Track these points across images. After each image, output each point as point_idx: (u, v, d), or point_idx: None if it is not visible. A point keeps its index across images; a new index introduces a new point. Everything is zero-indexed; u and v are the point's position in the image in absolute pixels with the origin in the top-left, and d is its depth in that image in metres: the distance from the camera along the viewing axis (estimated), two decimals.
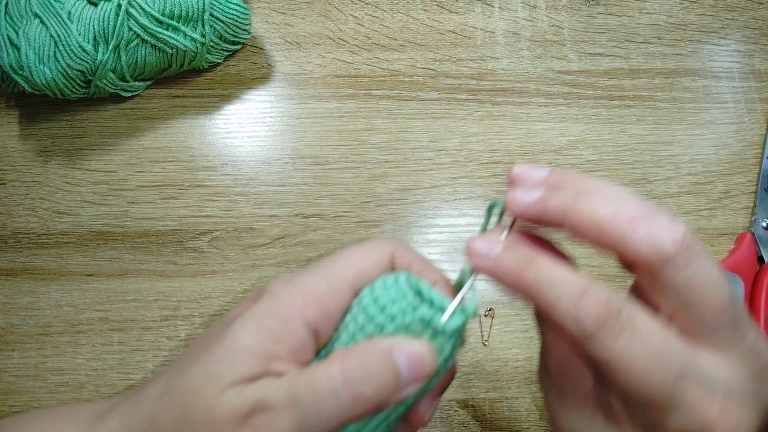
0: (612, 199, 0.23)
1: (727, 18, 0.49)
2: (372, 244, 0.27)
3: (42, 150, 0.45)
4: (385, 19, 0.48)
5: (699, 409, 0.21)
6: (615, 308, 0.22)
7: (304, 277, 0.26)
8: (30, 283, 0.42)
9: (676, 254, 0.21)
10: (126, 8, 0.40)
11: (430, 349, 0.24)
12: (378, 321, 0.24)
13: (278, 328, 0.24)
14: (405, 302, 0.24)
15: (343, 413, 0.23)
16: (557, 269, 0.23)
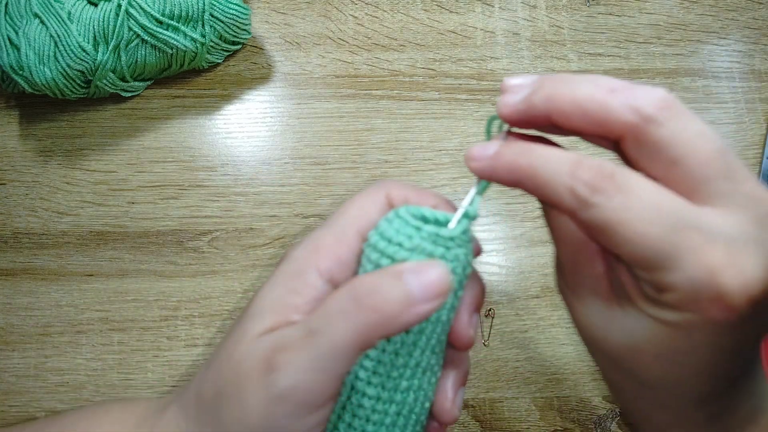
0: (591, 80, 0.23)
1: (727, 18, 0.49)
2: (367, 191, 0.29)
3: (42, 150, 0.45)
4: (385, 19, 0.48)
5: (702, 255, 0.20)
6: (608, 171, 0.22)
7: (312, 235, 0.27)
8: (30, 283, 0.42)
9: (656, 113, 0.22)
10: (126, 8, 0.40)
11: (439, 265, 0.24)
12: (389, 252, 0.25)
13: (295, 281, 0.26)
14: (409, 228, 0.25)
15: (354, 329, 0.23)
16: (550, 150, 0.23)
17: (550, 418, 0.40)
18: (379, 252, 0.25)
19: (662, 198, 0.21)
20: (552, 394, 0.41)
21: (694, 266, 0.20)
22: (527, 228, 0.44)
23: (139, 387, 0.40)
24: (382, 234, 0.26)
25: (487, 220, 0.44)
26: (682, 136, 0.22)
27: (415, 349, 0.26)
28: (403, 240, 0.25)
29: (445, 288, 0.24)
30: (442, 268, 0.24)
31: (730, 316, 0.20)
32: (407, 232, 0.25)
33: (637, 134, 0.22)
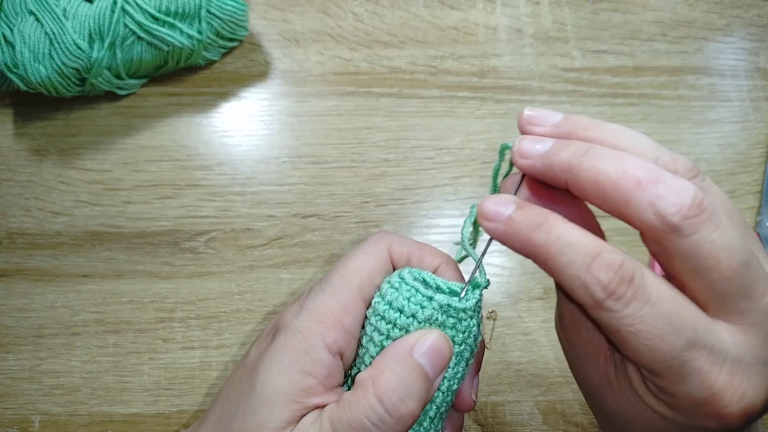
0: (619, 159, 0.21)
1: (732, 15, 0.49)
2: (368, 247, 0.27)
3: (37, 149, 0.44)
4: (385, 15, 0.48)
5: (707, 378, 0.21)
6: (627, 274, 0.21)
7: (313, 302, 0.26)
8: (24, 284, 0.41)
9: (681, 222, 0.20)
10: (122, 5, 0.39)
11: (442, 336, 0.25)
12: (401, 323, 0.25)
13: (304, 361, 0.25)
14: (419, 296, 0.25)
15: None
16: (569, 230, 0.22)
17: (552, 422, 0.39)
18: (391, 323, 0.25)
19: (678, 310, 0.21)
20: (555, 397, 0.40)
21: (698, 386, 0.21)
22: None
23: (134, 390, 0.39)
24: (391, 304, 0.25)
25: None
26: (705, 249, 0.21)
27: (424, 419, 0.26)
28: (416, 311, 0.25)
29: (448, 360, 0.25)
30: (446, 341, 0.25)
31: (725, 428, 0.21)
32: (419, 301, 0.25)
33: (658, 238, 0.21)
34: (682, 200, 0.20)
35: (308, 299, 0.26)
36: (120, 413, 0.39)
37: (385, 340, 0.25)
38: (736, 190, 0.45)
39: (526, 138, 0.24)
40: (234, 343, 0.40)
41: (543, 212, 0.22)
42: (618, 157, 0.21)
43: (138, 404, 0.39)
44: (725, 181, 0.45)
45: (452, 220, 0.43)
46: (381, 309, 0.25)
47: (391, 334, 0.25)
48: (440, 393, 0.26)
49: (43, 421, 0.39)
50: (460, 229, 0.43)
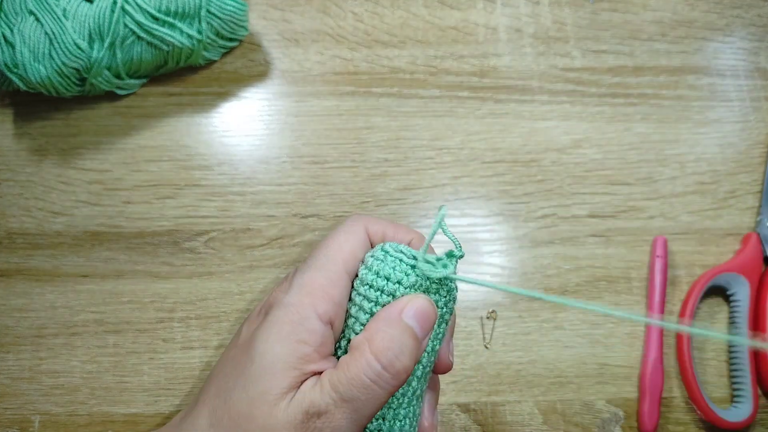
0: None
1: (732, 15, 0.49)
2: (347, 227, 0.29)
3: (36, 149, 0.44)
4: (385, 15, 0.48)
5: None
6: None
7: (301, 278, 0.28)
8: (24, 284, 0.41)
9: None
10: (122, 5, 0.39)
11: (427, 300, 0.27)
12: (389, 289, 0.27)
13: (299, 331, 0.26)
14: (403, 265, 0.27)
15: (390, 391, 0.25)
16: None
17: (553, 422, 0.39)
18: (379, 290, 0.27)
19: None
20: (555, 397, 0.40)
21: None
22: (530, 228, 0.43)
23: (134, 390, 0.39)
24: (378, 273, 0.27)
25: (490, 220, 0.43)
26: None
27: (413, 379, 0.28)
28: (401, 278, 0.27)
29: (434, 322, 0.27)
30: (431, 304, 0.27)
31: None
32: (403, 269, 0.27)
33: None
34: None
35: (296, 277, 0.28)
36: (120, 413, 0.39)
37: (375, 306, 0.27)
38: (736, 190, 0.44)
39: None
40: None
41: None
42: None
43: (138, 404, 0.39)
44: (725, 181, 0.45)
45: (452, 219, 0.43)
46: (369, 278, 0.27)
47: (380, 300, 0.27)
48: (425, 353, 0.28)
49: (43, 421, 0.39)
50: (460, 230, 0.43)
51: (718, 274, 0.41)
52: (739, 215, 0.44)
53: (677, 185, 0.44)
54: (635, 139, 0.45)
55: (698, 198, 0.44)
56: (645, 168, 0.45)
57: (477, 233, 0.43)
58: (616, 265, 0.42)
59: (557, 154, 0.45)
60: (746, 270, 0.42)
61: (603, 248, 0.43)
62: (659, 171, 0.45)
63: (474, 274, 0.42)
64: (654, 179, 0.44)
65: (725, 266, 0.42)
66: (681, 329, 0.25)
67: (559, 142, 0.45)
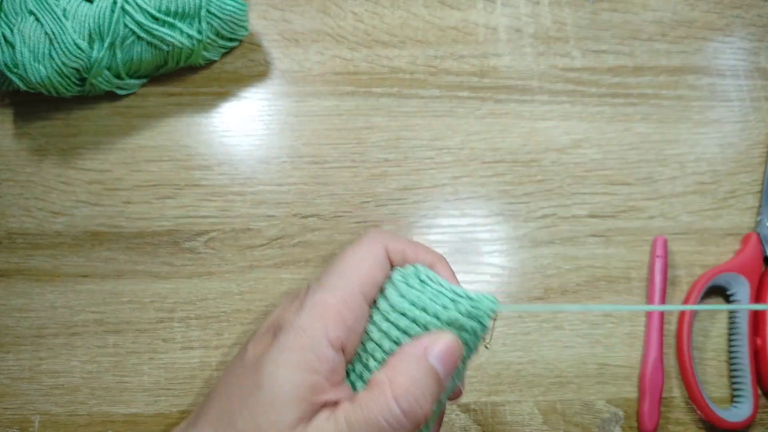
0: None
1: (732, 15, 0.49)
2: (366, 245, 0.28)
3: (36, 149, 0.44)
4: (385, 15, 0.48)
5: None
6: None
7: (313, 299, 0.26)
8: (24, 284, 0.41)
9: None
10: (122, 5, 0.39)
11: (455, 339, 0.26)
12: (423, 321, 0.26)
13: (310, 359, 0.25)
14: (443, 298, 0.26)
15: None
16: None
17: (553, 421, 0.39)
18: (413, 320, 0.26)
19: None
20: (555, 397, 0.40)
21: None
22: (530, 228, 0.43)
23: (134, 390, 0.39)
24: (414, 302, 0.26)
25: (490, 220, 0.43)
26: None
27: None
28: (439, 312, 0.26)
29: (458, 362, 0.26)
30: (459, 345, 0.26)
31: None
32: (442, 303, 0.26)
33: None
34: None
35: (308, 297, 0.27)
36: (120, 413, 0.39)
37: (403, 336, 0.26)
38: (736, 190, 0.44)
39: None
40: (234, 343, 0.40)
41: None
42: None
43: (138, 404, 0.39)
44: (725, 181, 0.45)
45: (452, 220, 0.43)
46: (403, 306, 0.26)
47: (410, 331, 0.26)
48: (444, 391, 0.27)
49: (43, 421, 0.39)
50: (460, 230, 0.43)
51: (718, 274, 0.41)
52: (739, 215, 0.44)
53: (677, 185, 0.44)
54: (635, 139, 0.45)
55: (698, 198, 0.44)
56: (645, 168, 0.45)
57: (477, 233, 0.43)
58: (616, 265, 0.42)
59: (557, 154, 0.45)
60: (746, 270, 0.42)
61: (603, 248, 0.43)
62: (659, 171, 0.45)
63: (474, 274, 0.42)
64: (654, 179, 0.44)
65: (725, 266, 0.42)
66: (679, 308, 0.25)
67: (559, 142, 0.45)
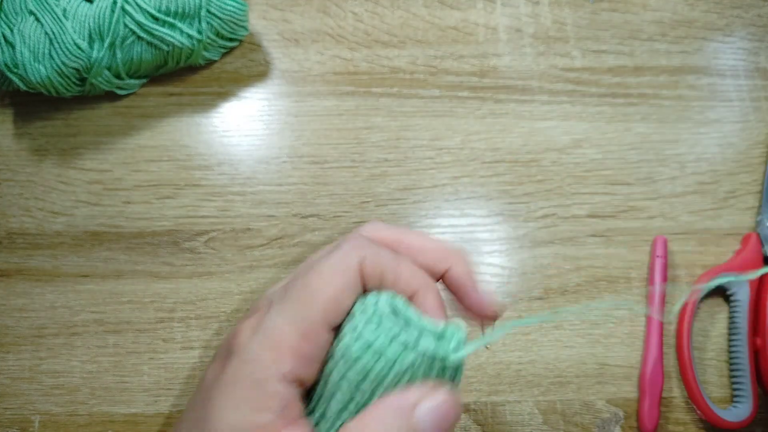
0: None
1: (732, 15, 0.49)
2: (337, 259, 0.24)
3: (36, 149, 0.44)
4: (385, 15, 0.48)
5: None
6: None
7: (269, 325, 0.23)
8: (24, 284, 0.41)
9: None
10: (122, 5, 0.39)
11: (452, 398, 0.22)
12: (378, 369, 0.22)
13: (257, 396, 0.22)
14: (403, 337, 0.22)
15: None
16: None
17: (553, 421, 0.39)
18: (368, 369, 0.22)
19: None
20: (555, 397, 0.40)
21: None
22: (530, 228, 0.43)
23: (134, 390, 0.39)
24: (369, 344, 0.22)
25: (490, 220, 0.43)
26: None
27: None
28: (397, 355, 0.22)
29: (455, 422, 0.23)
30: (457, 401, 0.22)
31: None
32: (403, 342, 0.22)
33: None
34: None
35: (264, 319, 0.23)
36: (120, 413, 0.39)
37: (362, 383, 0.22)
38: (736, 190, 0.44)
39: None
40: None
41: None
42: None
43: (138, 404, 0.39)
44: (725, 181, 0.45)
45: (452, 220, 0.43)
46: (355, 350, 0.22)
47: (364, 384, 0.22)
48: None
49: (43, 421, 0.39)
50: (460, 230, 0.43)
51: (718, 275, 0.41)
52: (739, 215, 0.44)
53: (677, 185, 0.44)
54: (635, 139, 0.45)
55: (698, 198, 0.44)
56: (645, 168, 0.45)
57: (477, 233, 0.43)
58: (616, 265, 0.42)
59: (557, 154, 0.45)
60: (746, 270, 0.42)
61: (603, 248, 0.43)
62: (659, 171, 0.45)
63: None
64: (654, 179, 0.44)
65: (725, 266, 0.42)
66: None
67: (559, 142, 0.45)
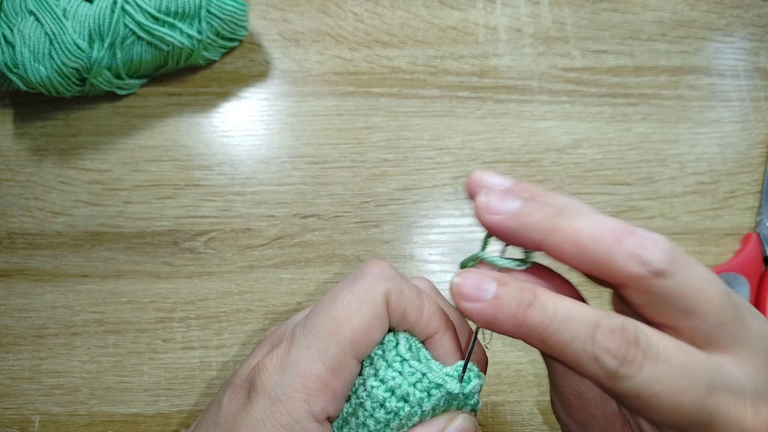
0: (593, 217, 0.21)
1: (732, 15, 0.49)
2: (362, 291, 0.24)
3: (37, 149, 0.44)
4: (385, 15, 0.48)
5: (736, 419, 0.20)
6: (632, 336, 0.20)
7: (296, 362, 0.23)
8: (24, 285, 0.41)
9: (665, 266, 0.20)
10: (122, 5, 0.39)
11: (470, 421, 0.23)
12: (404, 413, 0.23)
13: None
14: (425, 383, 0.23)
15: None
16: (563, 303, 0.21)
17: (552, 422, 0.39)
18: (392, 413, 0.23)
19: (689, 359, 0.20)
20: None
21: (728, 428, 0.20)
22: None
23: (134, 390, 0.39)
24: (393, 390, 0.23)
25: None
26: (692, 286, 0.21)
27: None
28: (422, 399, 0.23)
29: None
30: (473, 423, 0.24)
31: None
32: (425, 388, 0.23)
33: (645, 286, 0.21)
34: (660, 246, 0.21)
35: (291, 355, 0.23)
36: (120, 413, 0.39)
37: (385, 429, 0.23)
38: (736, 190, 0.44)
39: (492, 193, 0.23)
40: (234, 343, 0.40)
41: (530, 287, 0.21)
42: (592, 216, 0.21)
43: (138, 404, 0.39)
44: (725, 181, 0.45)
45: (452, 220, 0.43)
46: (380, 396, 0.23)
47: (392, 424, 0.23)
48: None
49: (43, 421, 0.39)
50: (460, 230, 0.43)
51: (718, 274, 0.41)
52: (739, 215, 0.44)
53: (677, 185, 0.44)
54: (635, 139, 0.45)
55: (698, 198, 0.44)
56: (645, 168, 0.45)
57: (477, 233, 0.43)
58: None
59: (557, 154, 0.45)
60: (746, 270, 0.42)
61: None
62: (659, 171, 0.45)
63: None
64: (654, 179, 0.44)
65: (725, 266, 0.42)
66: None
67: (559, 142, 0.45)
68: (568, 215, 0.21)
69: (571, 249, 0.21)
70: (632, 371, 0.20)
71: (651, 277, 0.20)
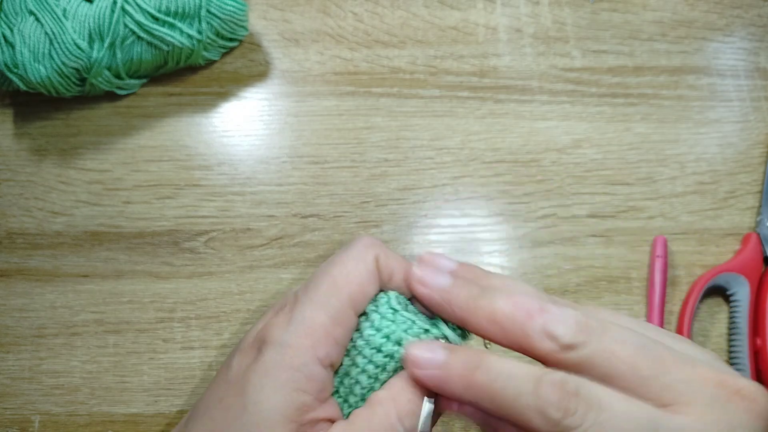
0: (509, 296, 0.23)
1: (732, 15, 0.49)
2: (356, 253, 0.26)
3: (36, 149, 0.44)
4: (385, 15, 0.48)
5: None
6: (572, 388, 0.21)
7: (301, 314, 0.25)
8: (24, 285, 0.41)
9: (573, 339, 0.22)
10: (122, 5, 0.39)
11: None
12: (399, 355, 0.25)
13: (297, 378, 0.24)
14: (416, 329, 0.26)
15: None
16: (505, 363, 0.23)
17: None
18: (389, 356, 0.25)
19: (630, 407, 0.21)
20: None
21: None
22: (530, 228, 0.43)
23: (134, 390, 0.39)
24: (388, 336, 0.25)
25: (490, 220, 0.43)
26: (603, 352, 0.22)
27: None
28: (406, 338, 0.25)
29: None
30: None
31: None
32: (416, 334, 0.25)
33: (558, 360, 0.22)
34: (567, 321, 0.22)
35: (296, 311, 0.25)
36: (120, 413, 0.39)
37: (381, 372, 0.25)
38: (736, 190, 0.44)
39: (427, 267, 0.26)
40: (234, 343, 0.40)
41: (475, 351, 0.24)
42: (508, 295, 0.24)
43: (138, 404, 0.39)
44: (725, 181, 0.45)
45: (452, 220, 0.43)
46: (377, 341, 0.25)
47: (388, 366, 0.25)
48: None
49: (43, 421, 0.39)
50: (460, 230, 0.43)
51: (718, 274, 0.41)
52: (739, 215, 0.44)
53: (677, 185, 0.44)
54: (635, 139, 0.45)
55: (698, 198, 0.44)
56: (645, 168, 0.45)
57: (477, 233, 0.43)
58: (616, 265, 0.42)
59: (557, 154, 0.45)
60: (746, 270, 0.42)
61: (603, 248, 0.43)
62: (659, 171, 0.45)
63: None
64: (654, 179, 0.44)
65: (725, 266, 0.42)
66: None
67: (559, 142, 0.45)
68: (488, 295, 0.24)
69: (491, 329, 0.24)
70: (576, 421, 0.21)
71: (561, 351, 0.22)
